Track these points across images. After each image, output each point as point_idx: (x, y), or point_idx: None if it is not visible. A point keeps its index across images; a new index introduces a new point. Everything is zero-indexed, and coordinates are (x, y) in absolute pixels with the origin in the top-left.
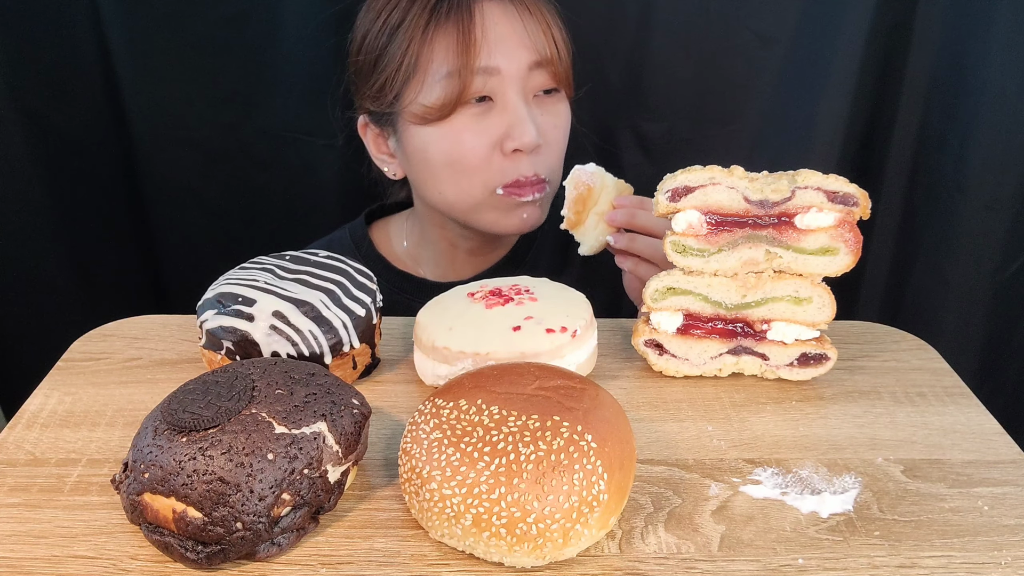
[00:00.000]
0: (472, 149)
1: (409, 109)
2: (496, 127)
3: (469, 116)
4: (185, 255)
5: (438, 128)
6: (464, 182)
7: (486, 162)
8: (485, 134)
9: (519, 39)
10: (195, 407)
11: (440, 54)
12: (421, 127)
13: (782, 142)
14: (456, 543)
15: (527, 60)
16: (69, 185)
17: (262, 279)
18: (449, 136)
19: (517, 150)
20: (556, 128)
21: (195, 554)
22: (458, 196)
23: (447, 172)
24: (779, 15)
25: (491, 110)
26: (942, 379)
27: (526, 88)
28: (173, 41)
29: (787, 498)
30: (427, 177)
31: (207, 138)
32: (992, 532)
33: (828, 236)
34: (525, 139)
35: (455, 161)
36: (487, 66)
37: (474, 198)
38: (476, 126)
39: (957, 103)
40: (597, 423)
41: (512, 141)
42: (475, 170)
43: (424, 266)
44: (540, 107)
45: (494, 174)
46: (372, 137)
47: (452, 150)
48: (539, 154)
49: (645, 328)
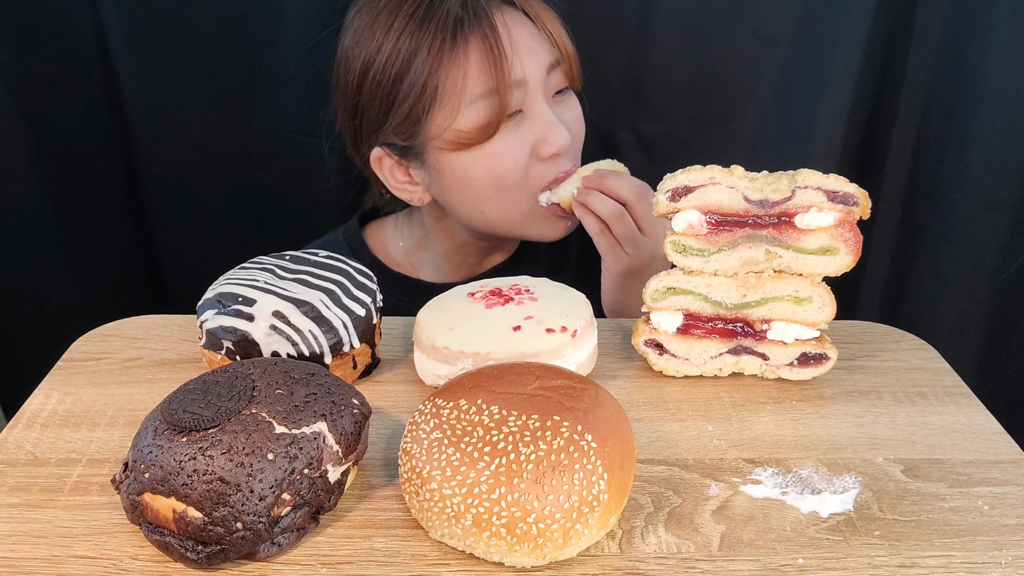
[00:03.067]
0: (514, 163)
1: (443, 137)
2: (529, 136)
3: (505, 132)
4: (185, 255)
5: (479, 151)
6: (509, 198)
7: (526, 172)
8: (522, 147)
9: (536, 44)
10: (195, 407)
11: (473, 74)
12: (459, 153)
13: (782, 142)
14: (456, 543)
15: (545, 63)
16: (69, 185)
17: (262, 279)
18: (490, 157)
19: (556, 154)
20: (577, 120)
21: (195, 554)
22: (504, 212)
23: (491, 191)
24: (779, 15)
25: (522, 121)
26: (942, 379)
27: (547, 91)
28: (173, 41)
29: (787, 498)
30: (468, 199)
31: (207, 138)
32: (992, 532)
33: (828, 236)
34: (561, 141)
35: (498, 179)
36: (518, 78)
37: (520, 211)
38: (513, 140)
39: (957, 103)
40: (597, 423)
41: (549, 146)
42: (518, 183)
43: (421, 268)
44: (559, 106)
45: (534, 180)
46: (389, 168)
47: (496, 169)
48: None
49: (645, 328)
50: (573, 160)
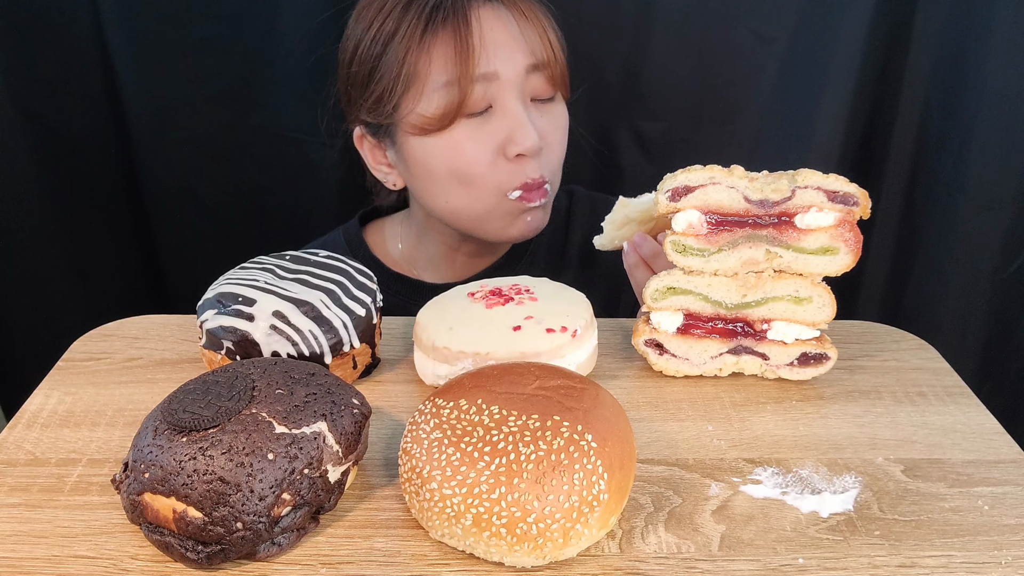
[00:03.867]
0: (475, 158)
1: (408, 120)
2: (497, 133)
3: (469, 125)
4: (185, 255)
5: (438, 139)
6: (472, 191)
7: (491, 169)
8: (486, 142)
9: (516, 43)
10: (195, 407)
11: (438, 63)
12: (421, 138)
13: (782, 142)
14: (456, 543)
15: (524, 64)
16: (69, 185)
17: (262, 279)
18: (451, 147)
19: (521, 155)
20: (556, 130)
21: (195, 554)
22: (467, 204)
23: (452, 182)
24: (779, 14)
25: (491, 117)
26: (942, 379)
27: (524, 92)
28: (173, 41)
29: (787, 498)
30: (431, 188)
31: (207, 138)
32: (992, 532)
33: (828, 236)
34: (528, 143)
35: (458, 171)
36: (485, 72)
37: (485, 205)
38: (477, 134)
39: (957, 103)
40: (597, 423)
41: (515, 146)
42: (480, 178)
43: (420, 268)
44: (538, 110)
45: (502, 179)
46: (369, 148)
47: (454, 160)
48: (541, 157)
49: (645, 328)
50: (548, 172)
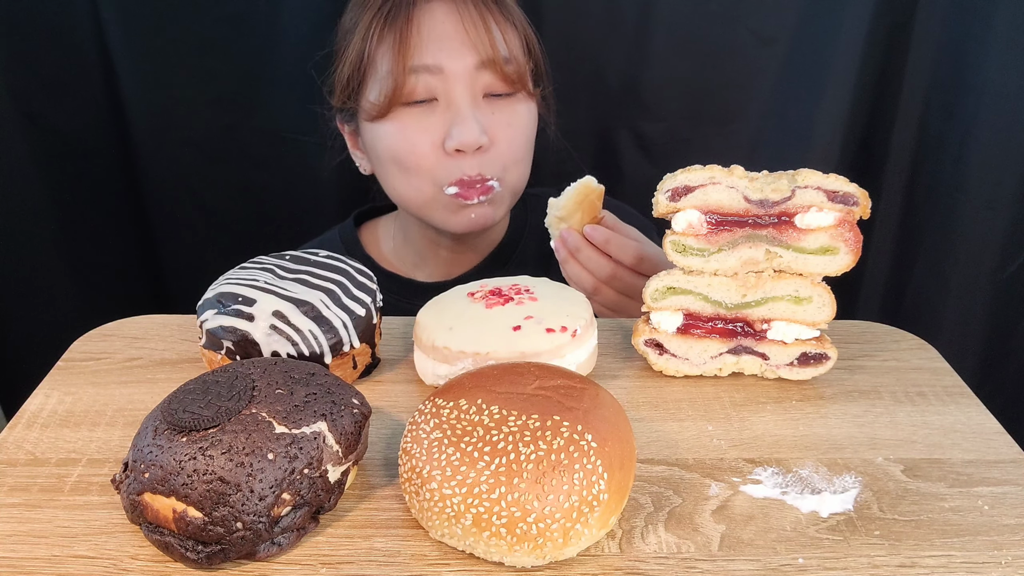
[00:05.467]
0: (414, 147)
1: (362, 106)
2: (439, 126)
3: (413, 115)
4: (185, 255)
5: (384, 125)
6: (413, 179)
7: (430, 160)
8: (427, 132)
9: (462, 39)
10: (195, 407)
11: (381, 53)
12: (373, 124)
13: (782, 142)
14: (456, 543)
15: (473, 60)
16: (69, 185)
17: (262, 279)
18: (393, 134)
19: (459, 150)
20: (509, 127)
21: (195, 554)
22: (408, 192)
23: (394, 169)
24: (779, 15)
25: (435, 109)
26: (942, 378)
27: (474, 88)
28: (173, 41)
29: (787, 498)
30: (381, 173)
31: (207, 138)
32: (992, 531)
33: (828, 236)
34: (465, 138)
35: (399, 158)
36: (425, 64)
37: (424, 195)
38: (419, 124)
39: (957, 103)
40: (597, 423)
41: (452, 140)
42: (418, 168)
43: (409, 265)
44: (491, 107)
45: (439, 172)
46: (348, 133)
47: (396, 147)
48: (485, 153)
49: (645, 328)
50: (492, 170)
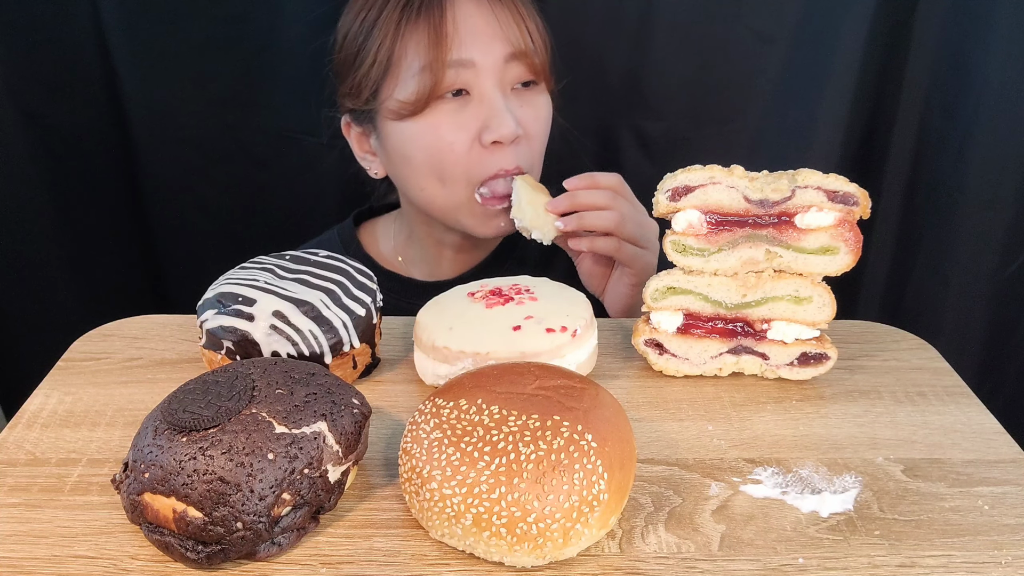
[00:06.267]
0: (451, 143)
1: (386, 105)
2: (474, 120)
3: (446, 110)
4: (185, 255)
5: (416, 123)
6: (446, 179)
7: (466, 156)
8: (463, 128)
9: (493, 32)
10: (195, 407)
11: (413, 49)
12: (399, 123)
13: (782, 142)
14: (456, 543)
15: (502, 52)
16: (69, 185)
17: (262, 279)
18: (427, 131)
19: (496, 142)
20: (536, 120)
21: (195, 554)
22: (440, 194)
23: (428, 168)
24: (779, 15)
25: (468, 104)
26: (942, 378)
27: (503, 81)
28: (173, 41)
29: (787, 497)
30: (409, 174)
31: (207, 138)
32: (992, 531)
33: (828, 235)
34: (503, 130)
35: (434, 156)
36: (460, 59)
37: (457, 196)
38: (453, 120)
39: (957, 103)
40: (597, 423)
41: (491, 133)
42: (455, 165)
43: (411, 265)
44: (519, 99)
45: (475, 168)
46: (355, 136)
47: (431, 145)
48: (519, 145)
49: (645, 328)
50: (526, 162)
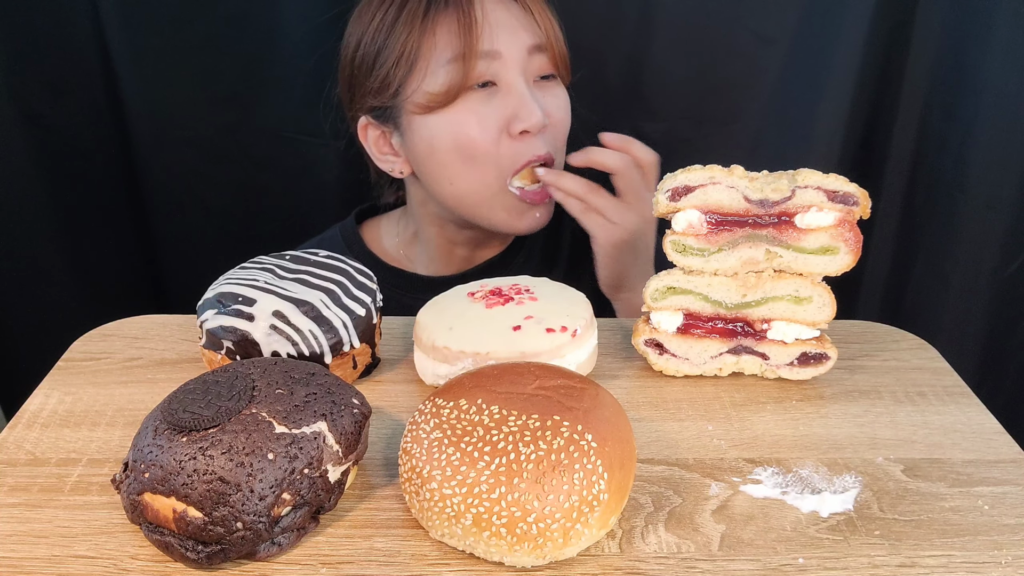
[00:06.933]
0: (480, 134)
1: (412, 99)
2: (501, 110)
3: (473, 101)
4: (185, 255)
5: (443, 116)
6: (476, 171)
7: (495, 147)
8: (491, 118)
9: (517, 23)
10: (195, 407)
11: (443, 40)
12: (426, 117)
13: (782, 142)
14: (456, 543)
15: (526, 44)
16: (69, 185)
17: (262, 279)
18: (455, 123)
19: (525, 131)
20: (559, 109)
21: (195, 554)
22: (471, 187)
23: (457, 161)
24: (779, 15)
25: (495, 95)
26: (942, 378)
27: (527, 72)
28: (173, 41)
29: (787, 497)
30: (436, 169)
31: (207, 138)
32: (992, 531)
33: (828, 235)
34: (533, 119)
35: (463, 147)
36: (488, 50)
37: (489, 189)
38: (481, 110)
39: (957, 103)
40: (597, 423)
41: (520, 122)
42: (485, 156)
43: (415, 262)
44: (541, 90)
45: (505, 159)
46: (374, 139)
47: (459, 136)
48: (546, 134)
49: (645, 327)
50: (554, 149)
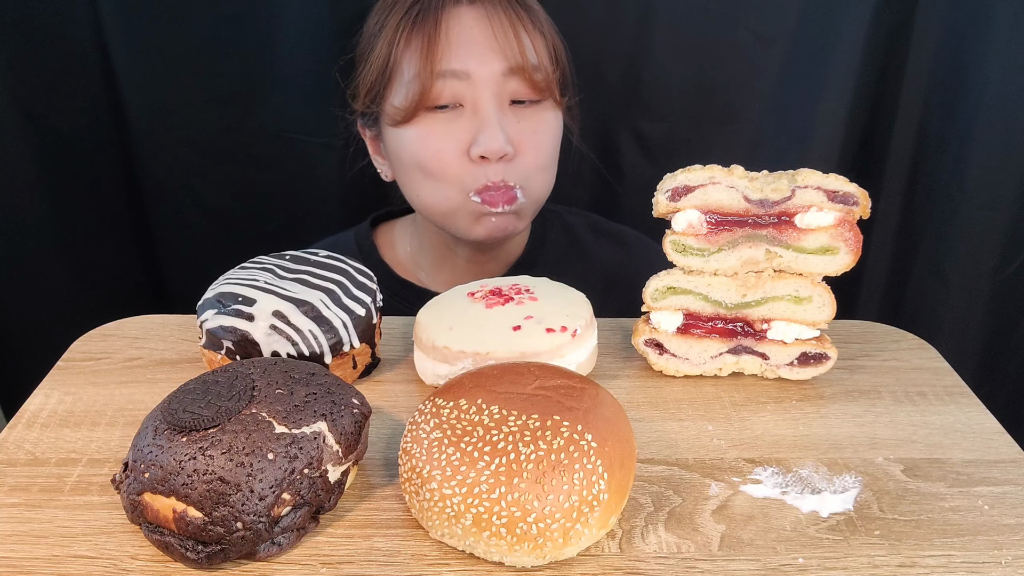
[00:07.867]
0: (438, 153)
1: (385, 111)
2: (465, 132)
3: (439, 120)
4: (185, 255)
5: (409, 131)
6: (440, 186)
7: (455, 167)
8: (453, 138)
9: (491, 45)
10: (195, 407)
11: (408, 57)
12: (396, 129)
13: (782, 142)
14: (456, 543)
15: (500, 67)
16: (69, 185)
17: (262, 279)
18: (417, 139)
19: (484, 157)
20: (535, 135)
21: (195, 554)
22: (433, 199)
23: (419, 175)
24: (779, 15)
25: (461, 115)
26: (942, 378)
27: (501, 94)
28: (173, 41)
29: (787, 497)
30: (405, 179)
31: (207, 138)
32: (992, 531)
33: (828, 235)
34: (490, 145)
35: (423, 164)
36: (453, 70)
37: (450, 201)
38: (444, 130)
39: (957, 103)
40: (597, 422)
41: (477, 147)
42: (443, 174)
43: (424, 272)
44: (517, 114)
45: (466, 179)
46: (370, 139)
47: (420, 153)
48: (509, 161)
49: (645, 327)
50: (516, 177)
